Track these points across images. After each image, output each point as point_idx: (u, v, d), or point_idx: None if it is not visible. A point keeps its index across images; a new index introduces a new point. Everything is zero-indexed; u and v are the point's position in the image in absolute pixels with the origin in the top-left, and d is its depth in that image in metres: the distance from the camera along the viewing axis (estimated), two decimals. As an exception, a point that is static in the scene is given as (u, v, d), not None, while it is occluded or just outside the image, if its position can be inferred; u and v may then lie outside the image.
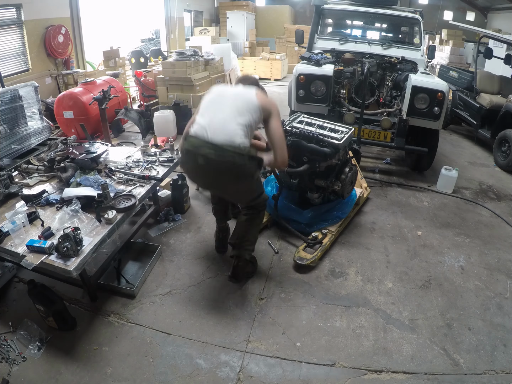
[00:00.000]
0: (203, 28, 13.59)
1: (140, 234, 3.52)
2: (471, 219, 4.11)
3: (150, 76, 7.96)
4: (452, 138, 7.07)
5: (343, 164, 3.50)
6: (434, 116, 4.43)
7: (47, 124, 4.56)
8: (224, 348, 2.45)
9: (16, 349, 2.37)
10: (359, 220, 3.94)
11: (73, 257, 2.27)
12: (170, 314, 2.68)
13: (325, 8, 5.83)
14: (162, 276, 3.05)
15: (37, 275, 2.73)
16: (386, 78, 5.18)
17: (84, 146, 3.51)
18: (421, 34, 5.69)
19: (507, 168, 5.49)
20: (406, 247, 3.55)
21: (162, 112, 5.94)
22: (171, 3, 13.50)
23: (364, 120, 4.60)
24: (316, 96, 4.73)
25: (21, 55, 7.13)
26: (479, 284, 3.11)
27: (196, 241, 3.49)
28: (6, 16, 6.68)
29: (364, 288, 3.02)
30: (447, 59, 12.72)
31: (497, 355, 2.48)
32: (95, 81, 6.09)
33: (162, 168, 3.39)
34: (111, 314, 2.67)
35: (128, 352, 2.40)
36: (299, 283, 3.03)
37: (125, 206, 2.74)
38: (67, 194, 2.78)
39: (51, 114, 6.09)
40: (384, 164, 5.49)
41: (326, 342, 2.52)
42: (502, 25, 15.20)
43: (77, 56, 8.68)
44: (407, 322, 2.70)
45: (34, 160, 3.48)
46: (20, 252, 2.32)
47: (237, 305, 2.79)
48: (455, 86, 7.19)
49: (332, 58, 5.28)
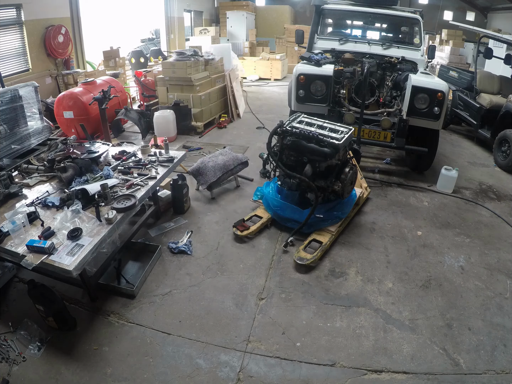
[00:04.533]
0: (203, 28, 13.60)
1: (140, 234, 3.52)
2: (471, 219, 4.11)
3: (150, 76, 7.97)
4: (452, 138, 7.07)
5: (343, 164, 3.51)
6: (434, 116, 4.43)
7: (47, 124, 4.56)
8: (224, 348, 2.45)
9: (16, 349, 2.37)
10: (359, 220, 3.94)
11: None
12: (170, 314, 2.68)
13: (325, 8, 5.83)
14: (162, 276, 3.05)
15: (37, 275, 2.73)
16: (386, 78, 5.18)
17: (84, 146, 3.51)
18: (421, 34, 5.69)
19: (507, 168, 5.48)
20: (406, 247, 3.55)
21: (162, 112, 5.95)
22: (171, 3, 13.50)
23: (364, 120, 4.60)
24: (316, 96, 4.73)
25: (21, 55, 7.14)
26: (479, 284, 3.11)
27: (196, 241, 3.49)
28: (6, 16, 6.69)
29: (364, 288, 3.02)
30: (447, 59, 12.72)
31: (497, 355, 2.48)
32: (95, 81, 6.10)
33: (161, 168, 3.39)
34: (111, 314, 2.67)
35: (128, 352, 2.40)
36: (299, 283, 3.03)
37: (125, 206, 2.74)
38: (93, 190, 2.80)
39: (51, 114, 6.09)
40: (384, 164, 5.49)
41: (326, 342, 2.52)
42: (502, 25, 15.23)
43: (77, 56, 8.69)
44: (407, 322, 2.70)
45: (34, 160, 3.47)
46: (20, 252, 2.31)
47: (237, 305, 2.79)
48: (455, 86, 7.20)
49: (332, 58, 5.28)
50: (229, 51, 9.31)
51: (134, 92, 8.63)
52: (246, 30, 15.19)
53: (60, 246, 2.34)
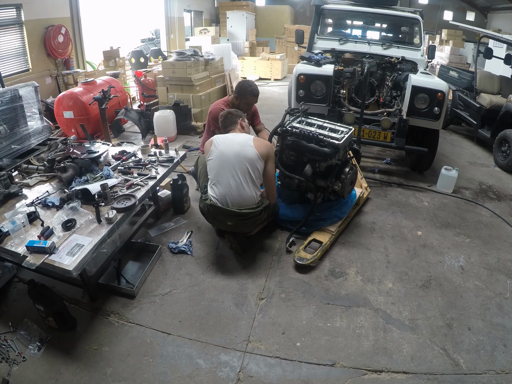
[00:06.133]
0: (203, 28, 13.59)
1: (140, 234, 3.52)
2: (471, 219, 4.11)
3: (150, 76, 7.97)
4: (452, 138, 7.08)
5: (343, 164, 3.50)
6: (434, 116, 4.43)
7: (47, 124, 4.57)
8: (224, 348, 2.45)
9: (16, 349, 2.37)
10: (359, 220, 3.94)
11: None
12: (170, 314, 2.68)
13: (325, 8, 5.83)
14: (162, 276, 3.05)
15: (37, 275, 2.73)
16: (386, 78, 5.18)
17: (84, 146, 3.51)
18: (421, 34, 5.70)
19: (507, 168, 5.48)
20: (406, 247, 3.55)
21: (162, 112, 5.95)
22: (171, 3, 13.52)
23: (364, 120, 4.59)
24: (316, 96, 4.73)
25: (21, 55, 7.15)
26: (479, 284, 3.11)
27: (196, 241, 3.49)
28: (6, 16, 6.70)
29: (364, 288, 3.02)
30: (447, 59, 12.73)
31: (497, 355, 2.48)
32: (95, 81, 6.10)
33: (161, 168, 3.39)
34: (111, 314, 2.67)
35: (128, 352, 2.40)
36: (299, 283, 3.02)
37: (125, 206, 2.74)
38: (95, 189, 2.82)
39: (51, 114, 6.09)
40: (384, 164, 5.49)
41: (326, 342, 2.52)
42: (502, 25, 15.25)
43: (77, 56, 8.69)
44: (407, 322, 2.70)
45: (34, 160, 3.47)
46: (20, 253, 2.31)
47: (237, 305, 2.79)
48: (455, 86, 7.20)
49: (332, 58, 5.28)
50: (229, 51, 9.33)
51: (134, 92, 8.63)
52: (246, 30, 15.20)
53: (61, 245, 2.34)
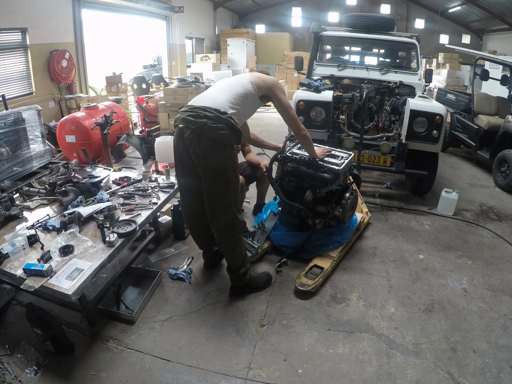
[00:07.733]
0: (204, 55, 13.89)
1: (140, 259, 3.50)
2: (473, 241, 4.09)
3: (151, 102, 8.08)
4: (451, 160, 7.12)
5: (344, 189, 3.51)
6: (433, 139, 4.46)
7: (49, 148, 4.61)
8: (225, 375, 2.40)
9: (12, 372, 2.32)
10: (360, 245, 3.92)
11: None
12: (169, 341, 2.64)
13: (323, 34, 5.96)
14: (162, 302, 3.01)
15: (35, 298, 2.70)
16: (384, 103, 5.25)
17: (86, 171, 3.53)
18: (418, 58, 5.79)
19: (507, 188, 5.49)
20: (408, 271, 3.52)
21: (164, 138, 5.99)
22: (173, 30, 13.83)
23: (363, 145, 4.63)
24: (315, 122, 4.77)
25: (25, 78, 7.28)
26: (482, 306, 3.07)
27: (196, 268, 3.46)
28: (11, 40, 6.86)
29: (366, 313, 2.98)
30: (445, 82, 12.92)
31: (503, 377, 2.42)
32: (98, 106, 6.19)
33: (162, 194, 3.40)
34: (109, 339, 2.63)
35: (126, 378, 2.35)
36: (300, 309, 2.98)
37: (125, 231, 2.73)
38: (85, 213, 2.84)
39: (53, 138, 6.16)
40: (384, 189, 5.50)
41: (328, 369, 2.47)
42: (497, 46, 15.56)
43: (80, 81, 8.85)
44: (410, 347, 2.65)
45: (36, 183, 3.49)
46: (17, 275, 2.30)
47: (237, 331, 2.74)
48: (453, 109, 7.29)
49: (331, 84, 5.36)
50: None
51: (136, 117, 8.74)
52: (246, 57, 15.52)
53: (60, 269, 2.33)
